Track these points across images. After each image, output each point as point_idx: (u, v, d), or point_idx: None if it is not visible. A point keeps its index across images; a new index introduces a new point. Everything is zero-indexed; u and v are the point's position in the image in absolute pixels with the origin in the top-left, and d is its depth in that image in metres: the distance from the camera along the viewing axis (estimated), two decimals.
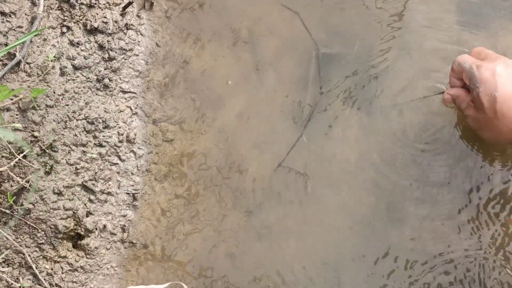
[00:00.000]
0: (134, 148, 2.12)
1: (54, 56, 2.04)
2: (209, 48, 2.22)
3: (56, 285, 1.98)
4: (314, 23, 2.23)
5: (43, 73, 2.02)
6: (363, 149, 2.12)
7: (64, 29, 2.08)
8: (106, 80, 2.11)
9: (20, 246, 1.95)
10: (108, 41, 2.12)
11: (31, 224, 1.96)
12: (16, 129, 1.95)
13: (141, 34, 2.19)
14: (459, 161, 2.07)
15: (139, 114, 2.16)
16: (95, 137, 2.07)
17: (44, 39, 2.04)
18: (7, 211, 1.93)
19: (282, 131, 2.16)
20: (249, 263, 2.07)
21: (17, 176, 1.93)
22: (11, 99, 1.96)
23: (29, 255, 1.95)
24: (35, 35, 2.02)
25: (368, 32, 2.20)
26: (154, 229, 2.10)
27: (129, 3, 2.14)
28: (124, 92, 2.14)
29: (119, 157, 2.10)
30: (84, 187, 2.04)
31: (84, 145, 2.05)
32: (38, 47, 2.03)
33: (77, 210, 2.01)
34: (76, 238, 2.05)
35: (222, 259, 2.08)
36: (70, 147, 2.04)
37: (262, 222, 2.09)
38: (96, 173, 2.05)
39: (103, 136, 2.08)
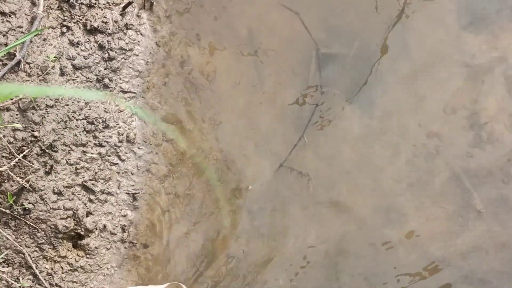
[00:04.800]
0: (134, 148, 2.12)
1: (55, 56, 2.03)
2: (209, 48, 2.22)
3: (56, 285, 1.98)
4: (314, 23, 2.23)
5: (43, 73, 2.01)
6: (364, 148, 2.12)
7: (64, 29, 2.07)
8: (106, 80, 2.10)
9: (20, 246, 1.94)
10: (108, 41, 2.12)
11: (31, 224, 1.95)
12: (16, 129, 1.94)
13: (141, 34, 2.19)
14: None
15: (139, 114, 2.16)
16: (95, 137, 2.07)
17: (44, 39, 2.04)
18: (7, 211, 1.93)
19: (283, 131, 2.16)
20: (249, 263, 2.07)
21: (17, 176, 1.93)
22: (11, 99, 1.95)
23: (29, 255, 1.95)
24: (35, 35, 2.01)
25: (368, 32, 2.20)
26: (154, 229, 2.10)
27: (129, 3, 2.13)
28: (124, 92, 2.14)
29: (119, 157, 2.10)
30: (84, 187, 2.04)
31: (84, 145, 2.05)
32: (38, 47, 2.02)
33: (77, 210, 2.01)
34: (76, 238, 2.05)
35: (223, 258, 2.08)
36: (70, 147, 2.04)
37: (263, 222, 2.09)
38: (96, 173, 2.05)
39: (103, 136, 2.08)
